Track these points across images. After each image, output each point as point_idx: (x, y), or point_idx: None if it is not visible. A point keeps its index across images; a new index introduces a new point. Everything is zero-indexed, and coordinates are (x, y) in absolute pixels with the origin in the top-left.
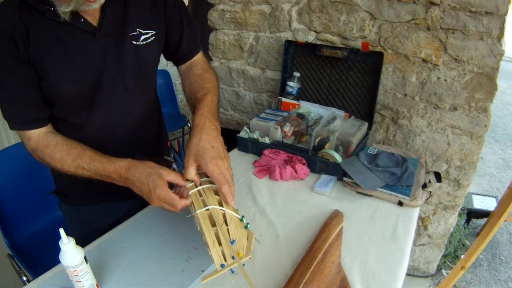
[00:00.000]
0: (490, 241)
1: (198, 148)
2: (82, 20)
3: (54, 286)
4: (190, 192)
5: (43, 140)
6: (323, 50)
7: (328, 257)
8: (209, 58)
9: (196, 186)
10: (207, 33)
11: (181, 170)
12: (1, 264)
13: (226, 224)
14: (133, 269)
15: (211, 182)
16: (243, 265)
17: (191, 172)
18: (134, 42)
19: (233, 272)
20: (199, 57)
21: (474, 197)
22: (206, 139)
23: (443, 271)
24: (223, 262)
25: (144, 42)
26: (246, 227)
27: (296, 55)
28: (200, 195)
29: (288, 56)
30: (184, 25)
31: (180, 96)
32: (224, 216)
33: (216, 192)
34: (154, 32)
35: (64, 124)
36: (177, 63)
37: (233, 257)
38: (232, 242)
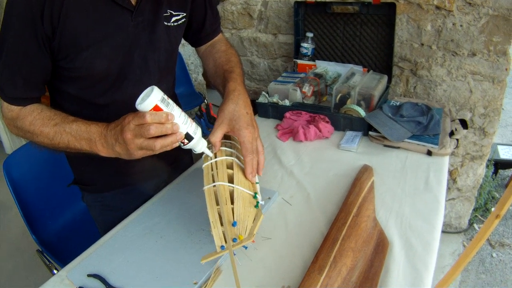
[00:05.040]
0: None
1: (234, 113)
2: None
3: (83, 272)
4: (203, 166)
5: (27, 108)
6: (334, 7)
7: (363, 211)
8: None
9: (214, 152)
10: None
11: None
12: (32, 261)
13: (232, 203)
14: (164, 244)
15: (227, 155)
16: (245, 247)
17: (218, 135)
18: (166, 23)
19: (246, 248)
20: (220, 36)
21: (500, 147)
22: (242, 105)
23: (475, 225)
24: (223, 243)
25: (175, 24)
26: (256, 205)
27: (307, 16)
28: (212, 169)
29: (299, 18)
30: (207, 6)
31: (194, 75)
32: (232, 193)
33: (230, 166)
34: (184, 14)
35: (85, 104)
36: (198, 43)
37: (234, 240)
38: (234, 223)
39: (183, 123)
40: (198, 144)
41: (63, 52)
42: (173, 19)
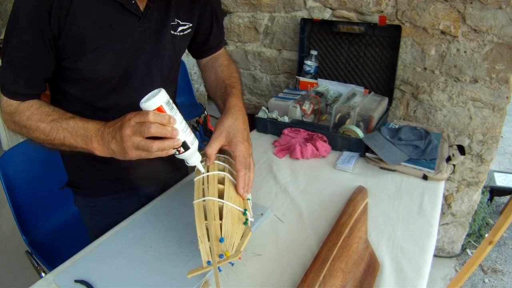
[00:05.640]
0: None
1: (233, 127)
2: (133, 1)
3: (70, 277)
4: (195, 179)
5: (25, 103)
6: (340, 26)
7: (355, 232)
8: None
9: (207, 164)
10: (221, 17)
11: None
12: (21, 261)
13: (221, 218)
14: (154, 254)
15: (220, 169)
16: (232, 264)
17: (215, 147)
18: (172, 32)
19: (232, 265)
20: (223, 50)
21: (496, 174)
22: (241, 120)
23: (468, 251)
24: (210, 259)
25: (181, 33)
26: (245, 222)
27: (313, 33)
28: (203, 184)
29: (304, 35)
30: (213, 20)
31: (196, 86)
32: (222, 209)
33: (222, 181)
34: (190, 25)
35: (85, 106)
36: (200, 56)
37: (221, 256)
38: (221, 239)
39: (183, 131)
40: (193, 156)
41: (68, 53)
42: (180, 28)
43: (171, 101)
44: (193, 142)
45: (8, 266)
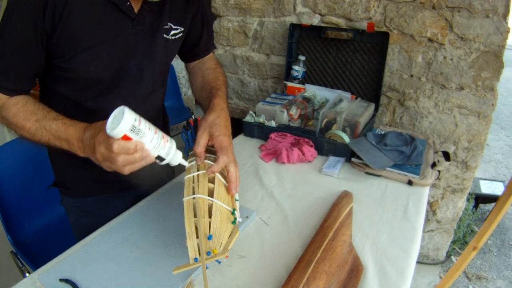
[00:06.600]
0: (499, 226)
1: (215, 121)
2: (128, 3)
3: (55, 276)
4: (185, 178)
5: (13, 99)
6: (328, 32)
7: (339, 235)
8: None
9: (198, 164)
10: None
11: (187, 150)
12: (5, 262)
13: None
14: (139, 255)
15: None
16: (218, 262)
17: (202, 144)
18: (165, 35)
19: (219, 263)
20: (211, 54)
21: (482, 182)
22: (224, 118)
23: (453, 258)
24: (197, 256)
25: (173, 37)
26: (233, 222)
27: (301, 39)
28: (194, 182)
29: (293, 40)
30: (204, 26)
31: (184, 90)
32: (211, 207)
33: (212, 180)
34: (182, 29)
35: (74, 106)
36: (189, 59)
37: (208, 253)
38: (209, 237)
39: (155, 148)
40: (172, 160)
41: (60, 51)
42: (172, 32)
43: (136, 123)
44: (169, 152)
45: None
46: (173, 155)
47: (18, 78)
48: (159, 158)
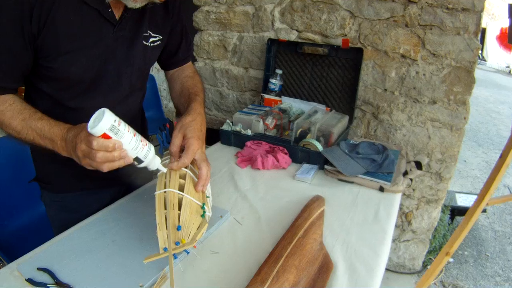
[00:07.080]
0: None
1: (190, 124)
2: (109, 10)
3: (33, 266)
4: (158, 174)
5: (1, 97)
6: (305, 47)
7: (310, 234)
8: (193, 59)
9: (171, 162)
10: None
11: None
12: None
13: (180, 209)
14: (115, 248)
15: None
16: (187, 252)
17: (176, 144)
18: (144, 42)
19: (188, 253)
20: (189, 63)
21: (458, 195)
22: (199, 122)
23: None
24: (167, 246)
25: (152, 44)
26: (202, 215)
27: (279, 53)
28: (166, 177)
29: (270, 54)
30: (183, 36)
31: (165, 102)
32: (181, 201)
33: (183, 176)
34: (161, 38)
35: (57, 104)
36: (168, 67)
37: (177, 243)
38: (178, 228)
39: (133, 149)
40: (150, 164)
41: (44, 52)
42: (151, 39)
43: (116, 123)
44: (147, 155)
45: None
46: (152, 159)
47: (6, 77)
48: (138, 160)
